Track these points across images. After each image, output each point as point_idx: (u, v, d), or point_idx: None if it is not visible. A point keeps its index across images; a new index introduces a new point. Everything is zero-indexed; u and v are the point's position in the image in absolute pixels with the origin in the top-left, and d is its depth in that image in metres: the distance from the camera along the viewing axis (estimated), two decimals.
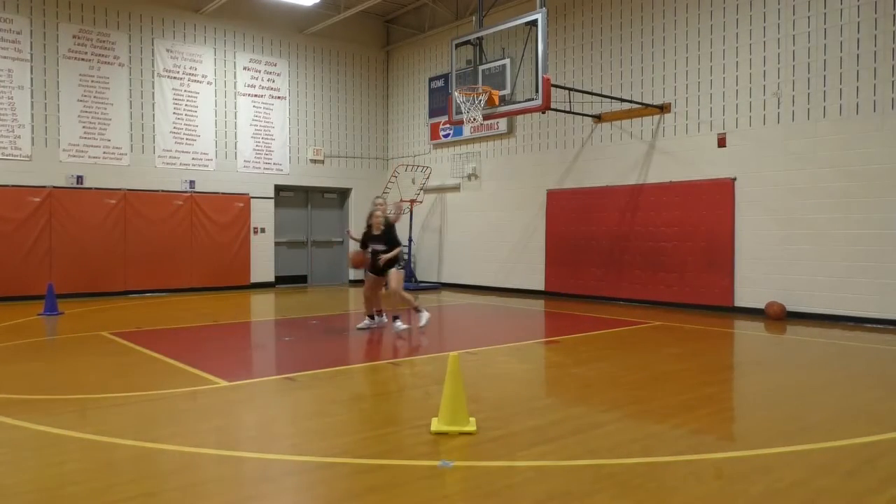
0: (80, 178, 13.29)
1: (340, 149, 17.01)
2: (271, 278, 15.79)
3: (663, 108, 11.72)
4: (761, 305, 10.39)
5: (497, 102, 10.78)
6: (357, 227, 17.29)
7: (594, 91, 12.24)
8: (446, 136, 15.98)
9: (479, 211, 15.31)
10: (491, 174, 15.08)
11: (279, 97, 15.92)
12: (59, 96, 13.13)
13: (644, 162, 12.11)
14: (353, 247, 9.99)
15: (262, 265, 15.63)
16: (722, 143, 11.01)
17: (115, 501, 3.34)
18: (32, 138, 12.88)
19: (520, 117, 14.02)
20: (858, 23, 9.50)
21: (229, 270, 15.01)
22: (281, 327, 9.89)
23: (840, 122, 9.69)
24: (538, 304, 12.50)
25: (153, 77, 14.19)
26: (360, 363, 7.06)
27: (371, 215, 9.31)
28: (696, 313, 10.83)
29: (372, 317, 9.32)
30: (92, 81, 13.47)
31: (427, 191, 16.32)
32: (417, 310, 9.09)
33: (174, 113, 14.43)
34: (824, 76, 9.84)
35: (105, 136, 13.63)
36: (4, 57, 12.58)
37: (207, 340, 8.60)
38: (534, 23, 10.04)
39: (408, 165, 16.44)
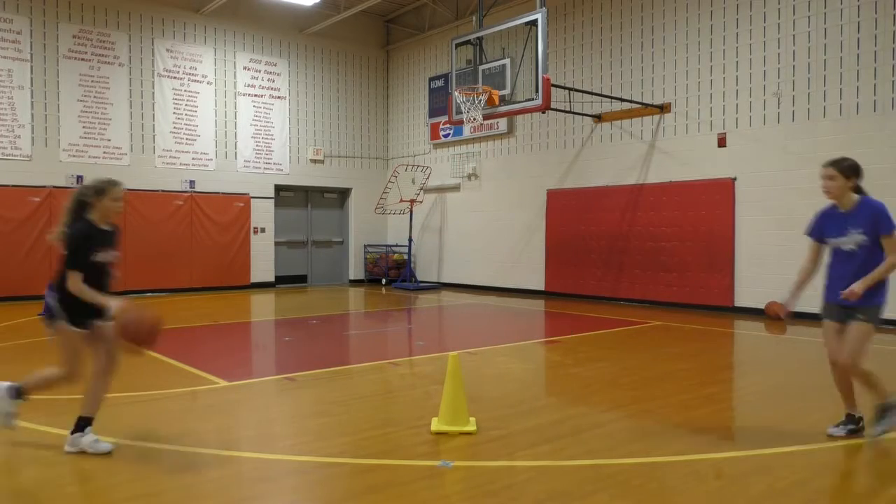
0: (80, 178, 13.26)
1: (340, 149, 17.01)
2: (271, 278, 15.79)
3: (663, 108, 11.72)
4: (761, 305, 10.38)
5: (497, 102, 10.79)
6: (363, 229, 17.31)
7: (594, 91, 12.24)
8: (446, 136, 15.98)
9: (479, 211, 15.30)
10: (491, 174, 15.08)
11: (279, 97, 15.92)
12: (59, 96, 13.13)
13: (644, 162, 12.11)
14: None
15: (262, 265, 15.62)
16: (722, 143, 11.01)
17: (115, 501, 3.34)
18: (32, 138, 12.88)
19: (520, 117, 14.01)
20: (858, 23, 9.50)
21: (229, 270, 15.01)
22: (281, 327, 9.88)
23: (840, 122, 9.69)
24: (538, 304, 12.49)
25: (153, 77, 14.18)
26: (360, 363, 7.06)
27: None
28: (696, 313, 10.83)
29: (852, 420, 4.42)
30: (92, 81, 13.47)
31: (427, 191, 16.31)
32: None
33: (174, 113, 14.43)
34: (824, 76, 9.84)
35: (105, 136, 13.63)
36: (4, 57, 12.58)
37: (207, 340, 8.60)
38: (534, 23, 10.04)
39: (408, 165, 16.44)
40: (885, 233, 4.06)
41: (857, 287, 4.01)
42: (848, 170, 4.21)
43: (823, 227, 4.35)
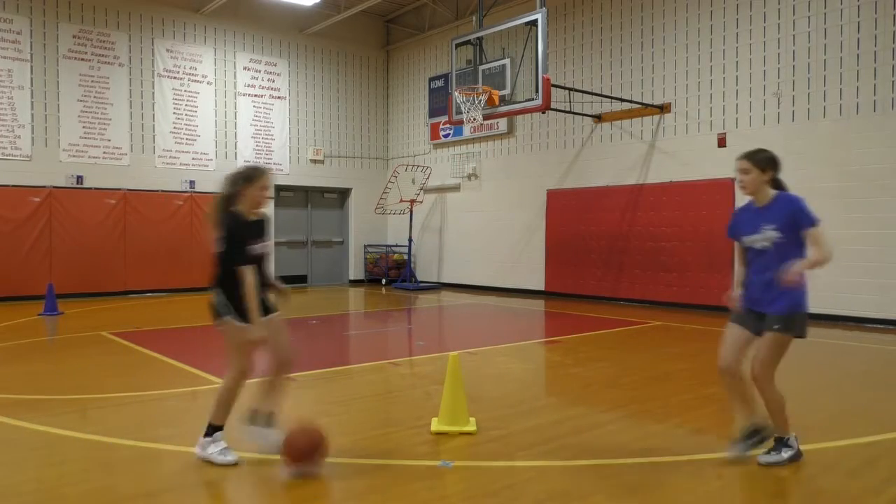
0: (80, 178, 13.29)
1: (340, 149, 17.01)
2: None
3: (663, 108, 11.72)
4: None
5: (497, 102, 10.79)
6: (363, 229, 17.29)
7: (594, 91, 12.24)
8: (446, 136, 15.98)
9: (479, 211, 15.30)
10: (491, 174, 15.08)
11: (279, 97, 15.92)
12: (59, 96, 13.13)
13: (644, 162, 12.11)
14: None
15: None
16: (722, 143, 11.01)
17: (115, 501, 3.34)
18: (32, 138, 12.88)
19: (520, 117, 14.01)
20: (858, 23, 9.50)
21: None
22: None
23: (840, 122, 9.69)
24: (538, 304, 12.49)
25: (153, 77, 14.18)
26: (360, 363, 7.06)
27: None
28: (696, 313, 10.83)
29: (754, 430, 3.95)
30: (92, 81, 13.47)
31: (427, 191, 16.31)
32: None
33: (174, 113, 14.43)
34: (824, 76, 9.84)
35: (105, 136, 13.62)
36: (4, 57, 12.57)
37: (207, 340, 8.59)
38: (534, 23, 10.04)
39: (408, 165, 16.44)
40: (807, 226, 3.69)
41: (796, 267, 3.56)
42: (763, 162, 3.85)
43: (738, 226, 3.99)
